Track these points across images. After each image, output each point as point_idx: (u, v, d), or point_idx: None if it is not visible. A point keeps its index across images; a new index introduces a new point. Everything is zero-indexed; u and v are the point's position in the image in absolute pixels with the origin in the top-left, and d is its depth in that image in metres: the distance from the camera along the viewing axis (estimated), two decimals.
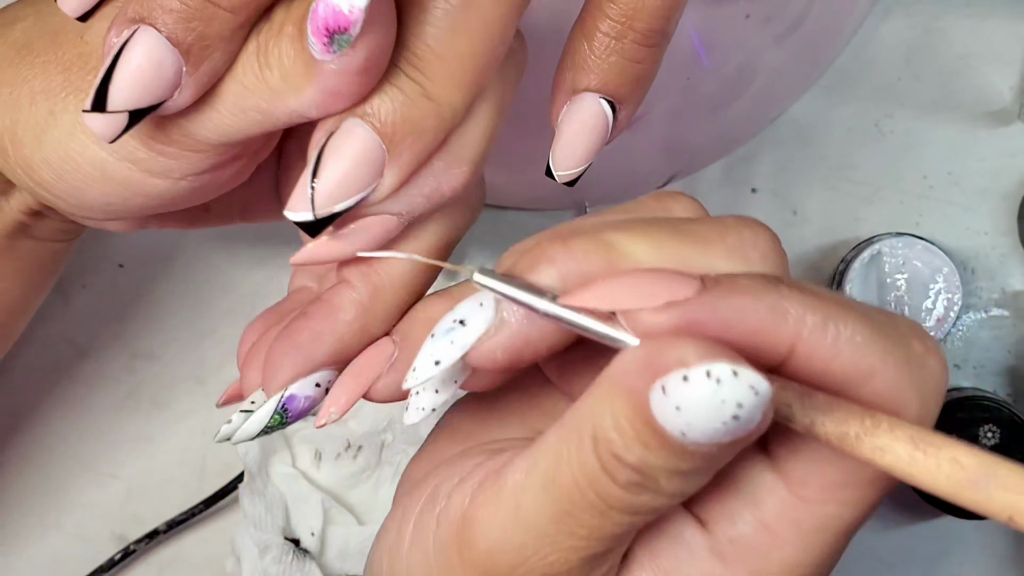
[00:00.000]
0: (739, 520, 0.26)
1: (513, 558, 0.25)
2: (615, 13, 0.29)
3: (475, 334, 0.26)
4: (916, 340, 0.25)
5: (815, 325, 0.24)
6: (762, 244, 0.26)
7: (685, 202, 0.29)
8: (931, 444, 0.23)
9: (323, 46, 0.26)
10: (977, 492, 0.22)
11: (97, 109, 0.27)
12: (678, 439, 0.22)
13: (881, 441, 0.23)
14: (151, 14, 0.26)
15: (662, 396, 0.22)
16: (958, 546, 0.53)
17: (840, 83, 0.53)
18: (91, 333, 0.53)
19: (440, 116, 0.27)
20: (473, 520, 0.25)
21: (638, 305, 0.24)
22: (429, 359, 0.26)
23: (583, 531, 0.24)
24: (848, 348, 0.24)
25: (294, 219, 0.27)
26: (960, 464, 0.23)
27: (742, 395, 0.21)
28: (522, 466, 0.25)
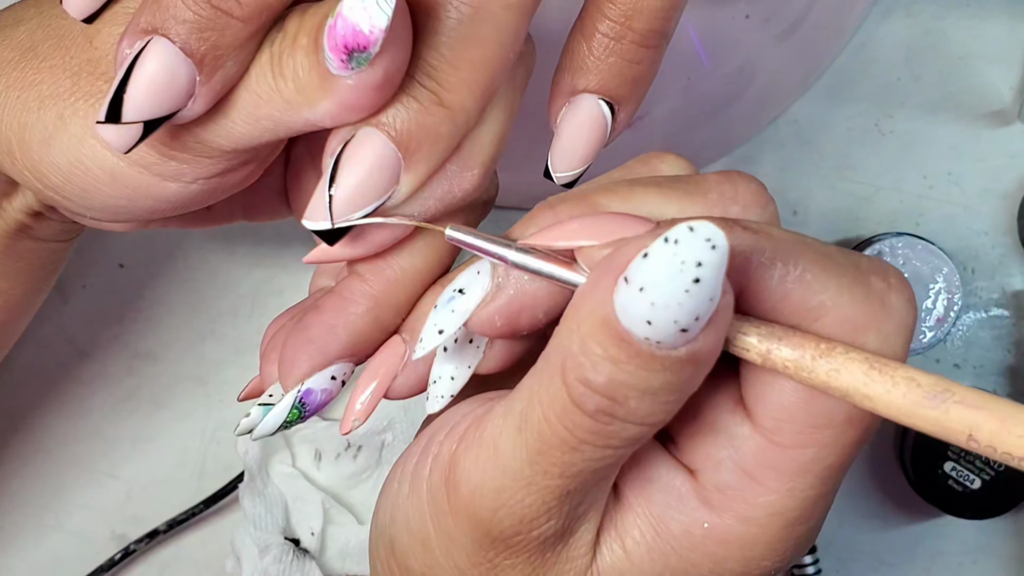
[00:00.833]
0: (723, 468, 0.26)
1: (493, 501, 0.25)
2: (614, 14, 0.29)
3: (474, 301, 0.27)
4: (876, 276, 0.25)
5: (761, 263, 0.24)
6: (743, 196, 0.27)
7: (671, 160, 0.29)
8: (887, 364, 0.23)
9: (341, 63, 0.26)
10: (935, 408, 0.22)
11: (111, 120, 0.27)
12: (643, 343, 0.22)
13: (836, 363, 0.23)
14: (164, 24, 0.26)
15: (625, 287, 0.22)
16: (957, 546, 0.53)
17: (840, 83, 0.53)
18: (91, 333, 0.53)
19: (454, 123, 0.28)
20: (457, 465, 0.26)
21: (589, 242, 0.25)
22: (433, 329, 0.27)
23: (555, 469, 0.24)
24: (797, 286, 0.24)
25: (312, 228, 0.27)
26: (917, 382, 0.23)
27: (700, 250, 0.21)
28: (500, 410, 0.26)
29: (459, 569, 0.27)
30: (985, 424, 0.22)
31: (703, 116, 0.51)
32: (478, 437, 0.26)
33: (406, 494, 0.28)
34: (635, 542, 0.27)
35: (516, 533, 0.26)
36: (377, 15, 0.25)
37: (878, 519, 0.53)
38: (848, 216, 0.53)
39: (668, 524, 0.27)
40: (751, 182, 0.27)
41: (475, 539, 0.26)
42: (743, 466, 0.26)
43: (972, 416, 0.22)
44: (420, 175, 0.28)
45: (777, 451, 0.26)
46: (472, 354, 0.29)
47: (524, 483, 0.25)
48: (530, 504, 0.25)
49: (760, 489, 0.26)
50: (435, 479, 0.27)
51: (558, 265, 0.26)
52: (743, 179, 0.27)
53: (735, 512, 0.26)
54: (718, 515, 0.26)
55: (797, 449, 0.25)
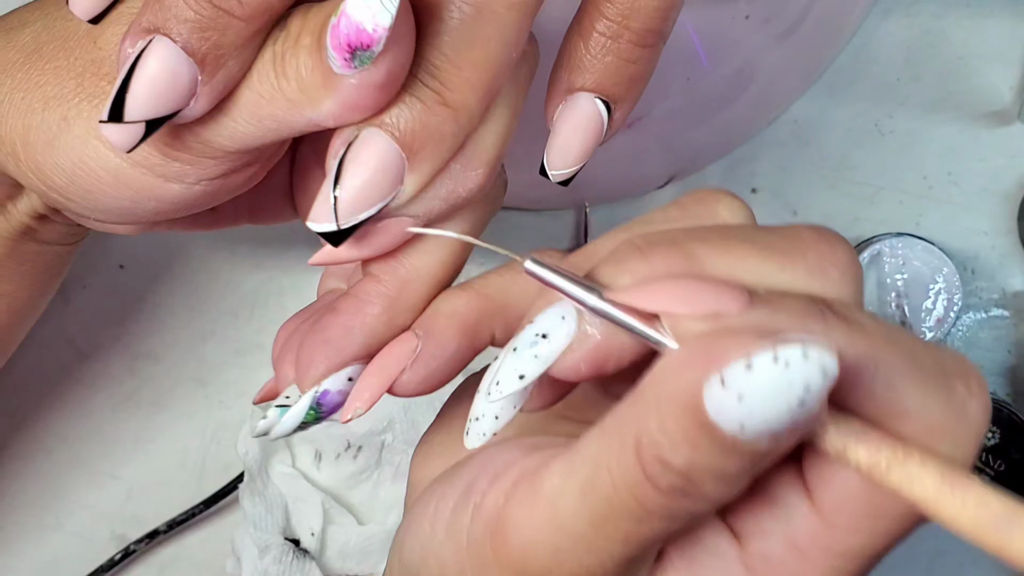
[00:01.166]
0: (771, 538, 0.26)
1: (548, 560, 0.25)
2: (612, 13, 0.29)
3: (559, 347, 0.26)
4: (960, 382, 0.24)
5: (854, 358, 0.23)
6: (841, 260, 0.26)
7: (729, 203, 0.28)
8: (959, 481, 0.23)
9: (344, 61, 0.26)
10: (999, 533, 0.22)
11: (114, 119, 0.27)
12: (733, 434, 0.22)
13: (910, 472, 0.23)
14: (165, 24, 0.26)
15: (720, 389, 0.21)
16: (958, 545, 0.53)
17: (840, 83, 0.53)
18: (92, 334, 0.53)
19: (458, 122, 0.28)
20: (508, 520, 0.25)
21: (681, 310, 0.24)
22: (513, 373, 0.26)
23: (619, 535, 0.24)
24: (885, 388, 0.24)
25: (317, 230, 0.27)
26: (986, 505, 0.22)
27: (811, 377, 0.21)
28: (560, 470, 0.25)
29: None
30: None
31: (703, 116, 0.50)
32: (533, 494, 0.25)
33: (441, 539, 0.27)
34: None
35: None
36: (381, 13, 0.25)
37: None
38: (848, 216, 0.53)
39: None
40: (844, 243, 0.26)
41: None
42: (794, 541, 0.25)
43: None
44: (424, 175, 0.28)
45: (831, 532, 0.25)
46: (520, 395, 0.28)
47: (584, 545, 0.24)
48: (588, 566, 0.24)
49: (805, 565, 0.25)
50: (477, 530, 0.26)
51: (640, 321, 0.25)
52: (838, 239, 0.26)
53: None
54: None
55: (850, 534, 0.25)
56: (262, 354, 0.53)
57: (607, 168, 0.51)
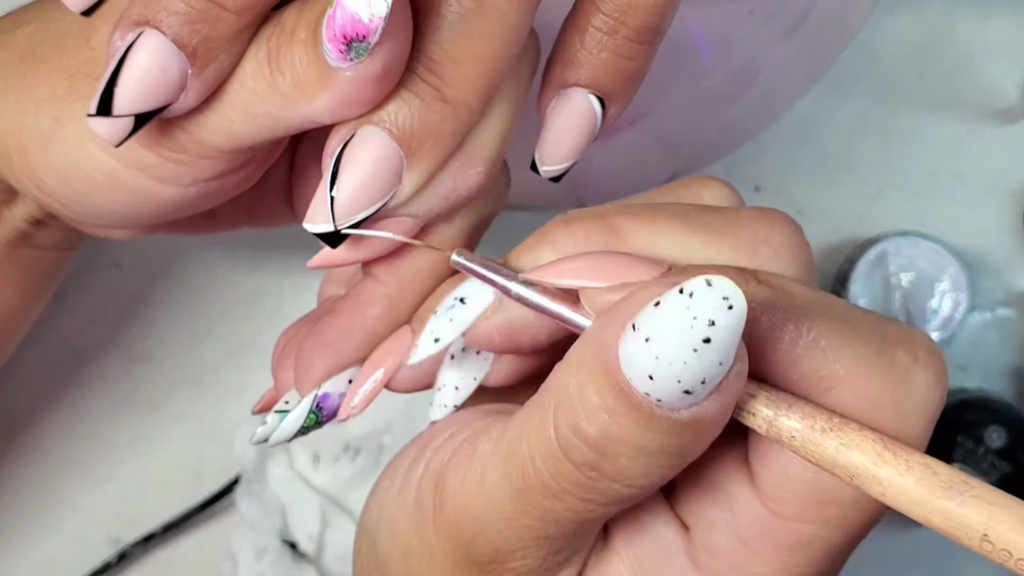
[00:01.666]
0: (717, 530, 0.25)
1: (472, 526, 0.25)
2: (608, 8, 0.29)
3: (474, 313, 0.27)
4: (902, 349, 0.24)
5: (773, 324, 0.23)
6: (776, 240, 0.26)
7: (714, 186, 0.28)
8: (902, 448, 0.22)
9: (339, 53, 0.25)
10: (950, 500, 0.21)
11: (102, 113, 0.26)
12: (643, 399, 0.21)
13: (847, 438, 0.22)
14: (155, 16, 0.26)
15: (631, 335, 0.21)
16: (961, 549, 0.52)
17: (844, 80, 0.52)
18: (87, 334, 0.53)
19: (457, 119, 0.27)
20: (446, 479, 0.26)
21: (592, 284, 0.24)
22: (429, 336, 0.27)
23: (534, 511, 0.24)
24: (809, 352, 0.23)
25: (314, 231, 0.27)
26: (932, 470, 0.21)
27: (715, 308, 0.20)
28: (494, 435, 0.25)
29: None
30: (1003, 523, 0.20)
31: (706, 113, 0.50)
32: (469, 456, 0.25)
33: (395, 495, 0.27)
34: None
35: (491, 562, 0.25)
36: (377, 4, 0.24)
37: (882, 522, 0.52)
38: (852, 215, 0.52)
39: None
40: (787, 224, 0.26)
41: (454, 558, 0.25)
42: (738, 532, 0.25)
43: (990, 513, 0.20)
44: (423, 173, 0.27)
45: (776, 522, 0.24)
46: (479, 366, 0.28)
47: (504, 516, 0.24)
48: (507, 538, 0.24)
49: (753, 559, 0.25)
50: (424, 488, 0.26)
51: (561, 303, 0.25)
52: (779, 220, 0.26)
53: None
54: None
55: (798, 523, 0.24)
56: (259, 355, 0.53)
57: (608, 166, 0.51)
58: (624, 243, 0.26)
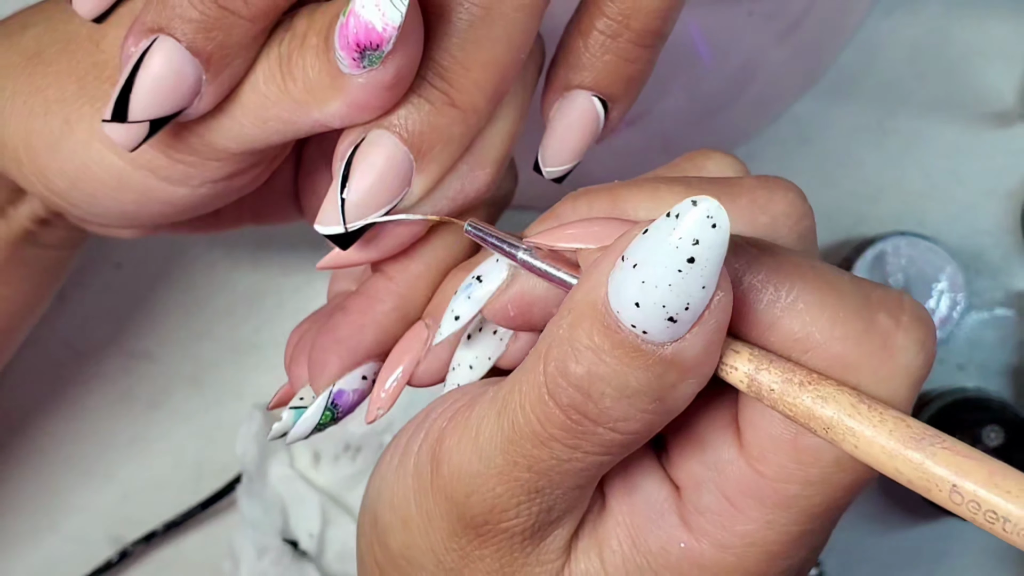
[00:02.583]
0: (704, 489, 0.26)
1: (467, 485, 0.25)
2: (612, 11, 0.29)
3: (490, 289, 0.27)
4: (885, 313, 0.24)
5: (753, 285, 0.23)
6: (776, 206, 0.26)
7: (718, 158, 0.29)
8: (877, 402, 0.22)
9: (352, 61, 0.26)
10: (921, 450, 0.21)
11: (117, 119, 0.26)
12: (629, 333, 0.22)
13: (823, 391, 0.22)
14: (170, 23, 0.26)
15: (620, 265, 0.22)
16: (959, 547, 0.53)
17: (843, 82, 0.53)
18: (87, 333, 0.53)
19: (466, 123, 0.27)
20: (442, 443, 0.26)
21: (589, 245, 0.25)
22: (450, 315, 0.28)
23: (524, 461, 0.24)
24: (787, 314, 0.23)
25: (325, 232, 0.27)
26: (906, 423, 0.21)
27: (699, 227, 0.21)
28: (490, 393, 0.25)
29: (434, 552, 0.26)
30: (973, 476, 0.20)
31: (705, 114, 0.50)
32: (465, 418, 0.26)
33: (395, 468, 0.28)
34: (611, 551, 0.26)
35: (485, 522, 0.25)
36: (391, 12, 0.25)
37: (881, 522, 0.53)
38: (850, 215, 0.53)
39: (646, 537, 0.26)
40: (788, 191, 0.26)
41: (451, 522, 0.26)
42: (725, 491, 0.25)
43: (960, 464, 0.21)
44: (432, 176, 0.28)
45: (759, 480, 0.25)
46: (494, 346, 0.29)
47: (496, 471, 0.25)
48: (500, 494, 0.25)
49: (739, 517, 0.25)
50: (422, 455, 0.27)
51: (561, 268, 0.26)
52: (781, 186, 0.26)
53: (712, 537, 0.25)
54: (695, 537, 0.26)
55: (780, 482, 0.25)
56: (259, 354, 0.53)
57: (608, 166, 0.51)
58: (626, 212, 0.26)
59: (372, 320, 0.30)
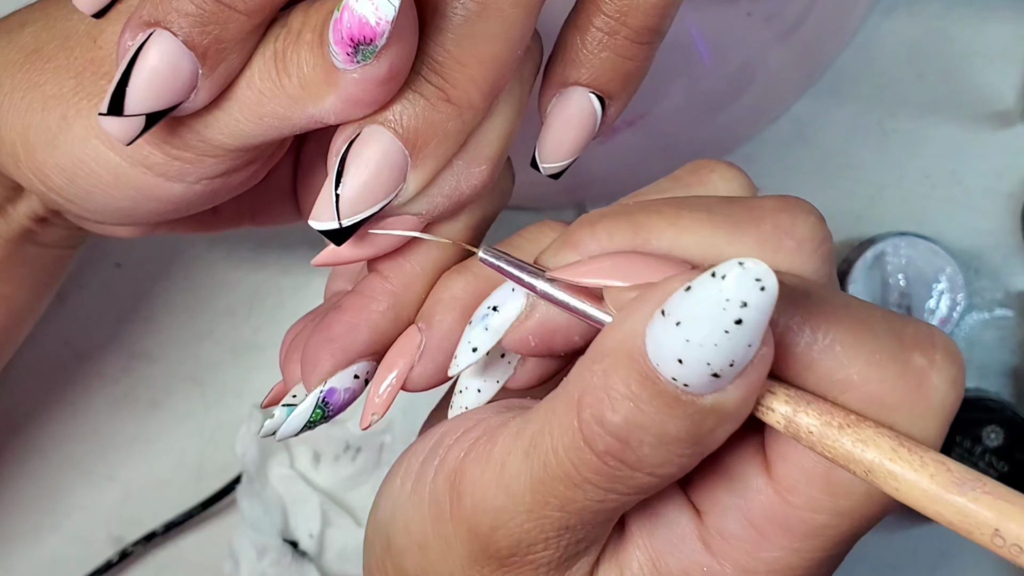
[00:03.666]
0: (729, 515, 0.26)
1: (493, 519, 0.25)
2: (610, 9, 0.29)
3: (508, 319, 0.27)
4: (919, 353, 0.24)
5: (790, 327, 0.23)
6: (799, 231, 0.25)
7: (723, 171, 0.29)
8: (917, 445, 0.22)
9: (346, 56, 0.26)
10: (962, 495, 0.21)
11: (113, 112, 0.26)
12: (669, 384, 0.22)
13: (863, 435, 0.22)
14: (166, 17, 0.26)
15: (661, 320, 0.22)
16: (960, 548, 0.53)
17: (842, 82, 0.53)
18: (88, 333, 0.53)
19: (462, 119, 0.27)
20: (463, 475, 0.26)
21: (616, 283, 0.25)
22: (467, 346, 0.27)
23: (556, 501, 0.24)
24: (825, 357, 0.23)
25: (319, 228, 0.27)
26: (947, 467, 0.22)
27: (748, 290, 0.21)
28: (514, 428, 0.25)
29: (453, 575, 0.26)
30: (1014, 520, 0.20)
31: (704, 114, 0.50)
32: (488, 452, 0.25)
33: (408, 493, 0.27)
34: (632, 574, 0.26)
35: (512, 555, 0.25)
36: (384, 7, 0.25)
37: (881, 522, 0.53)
38: (850, 215, 0.53)
39: (668, 561, 0.26)
40: (810, 214, 0.26)
41: (472, 551, 0.26)
42: (750, 518, 0.25)
43: (1002, 509, 0.21)
44: (427, 172, 0.28)
45: (789, 510, 0.25)
46: (503, 369, 0.29)
47: (524, 509, 0.24)
48: (528, 530, 0.25)
49: (764, 544, 0.25)
50: (439, 484, 0.26)
51: (585, 300, 0.25)
52: (802, 209, 0.26)
53: (735, 562, 0.25)
54: (718, 561, 0.26)
55: (809, 512, 0.25)
56: (260, 354, 0.53)
57: (608, 167, 0.51)
58: (648, 242, 0.26)
59: (366, 319, 0.30)
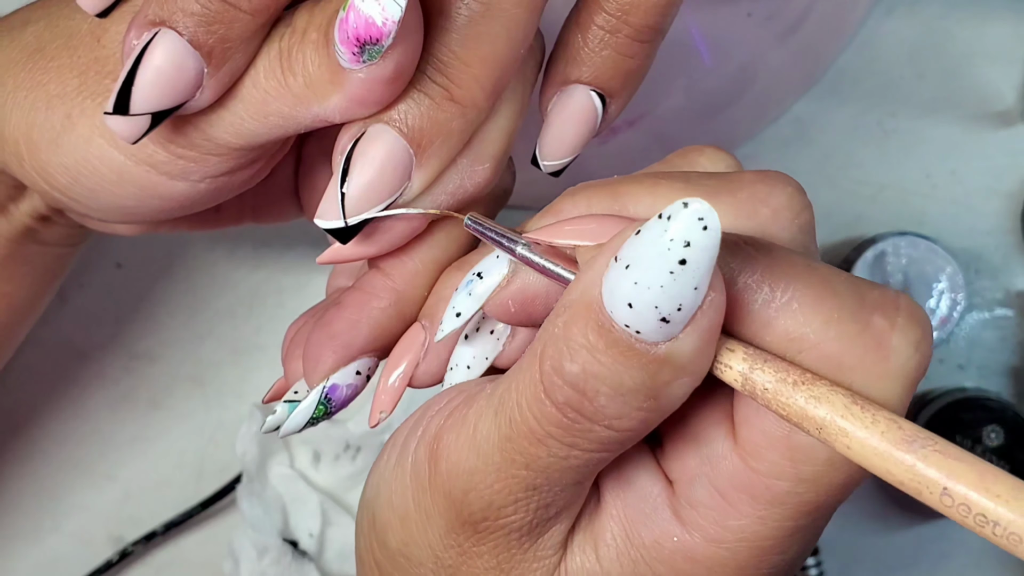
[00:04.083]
0: (697, 484, 0.26)
1: (465, 482, 0.25)
2: (611, 7, 0.29)
3: (491, 285, 0.27)
4: (880, 314, 0.24)
5: (748, 285, 0.23)
6: (776, 200, 0.26)
7: (711, 153, 0.29)
8: (870, 403, 0.22)
9: (352, 56, 0.26)
10: (912, 452, 0.21)
11: (119, 111, 0.27)
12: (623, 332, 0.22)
13: (817, 391, 0.22)
14: (172, 17, 0.26)
15: (613, 266, 0.22)
16: (960, 548, 0.53)
17: (843, 82, 0.53)
18: (88, 333, 0.53)
19: (465, 118, 0.28)
20: (440, 441, 0.26)
21: (586, 242, 0.25)
22: (451, 311, 0.28)
23: (521, 459, 0.24)
24: (781, 314, 0.23)
25: (325, 227, 0.27)
26: (898, 424, 0.21)
27: (690, 228, 0.21)
28: (487, 391, 0.26)
29: (432, 549, 0.27)
30: (963, 478, 0.20)
31: (705, 114, 0.50)
32: (463, 415, 0.26)
33: (392, 466, 0.28)
34: (606, 545, 0.26)
35: (484, 519, 0.25)
36: (390, 7, 0.25)
37: (881, 522, 0.53)
38: (851, 215, 0.53)
39: (640, 531, 0.26)
40: (788, 184, 0.26)
41: (448, 519, 0.26)
42: (718, 486, 0.25)
43: (951, 467, 0.21)
44: (432, 171, 0.28)
45: (752, 476, 0.25)
46: (491, 346, 0.29)
47: (494, 468, 0.25)
48: (498, 491, 0.25)
49: (731, 512, 0.25)
50: (420, 453, 0.27)
51: (559, 263, 0.26)
52: (780, 181, 0.26)
53: (704, 531, 0.26)
54: (687, 531, 0.26)
55: (772, 479, 0.25)
56: (260, 354, 0.53)
57: (608, 166, 0.51)
58: (626, 208, 0.26)
59: (367, 316, 0.30)
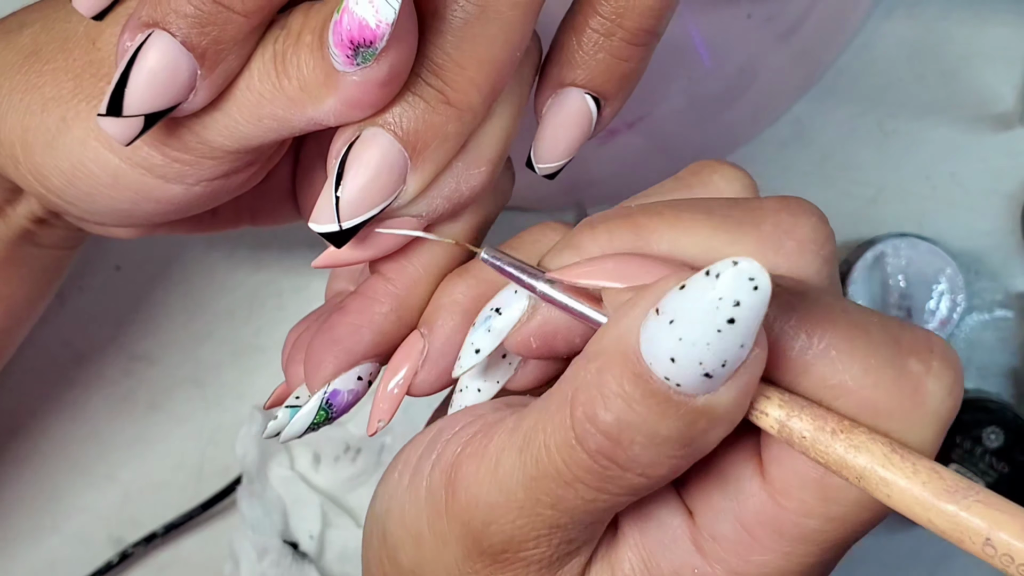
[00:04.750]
0: (722, 518, 0.26)
1: (486, 515, 0.25)
2: (606, 10, 0.29)
3: (510, 321, 0.27)
4: (915, 359, 0.24)
5: (783, 331, 0.23)
6: (800, 232, 0.25)
7: (726, 172, 0.29)
8: (910, 452, 0.22)
9: (346, 58, 0.26)
10: (955, 503, 0.21)
11: (112, 113, 0.27)
12: (661, 384, 0.22)
13: (856, 441, 0.22)
14: (165, 18, 0.26)
15: (655, 319, 0.22)
16: (960, 550, 0.52)
17: (842, 83, 0.53)
18: (87, 335, 0.53)
19: (461, 121, 0.27)
20: (459, 470, 0.26)
21: (614, 285, 0.25)
22: (470, 348, 0.28)
23: (547, 499, 0.24)
24: (819, 362, 0.23)
25: (319, 231, 0.27)
26: (939, 474, 0.21)
27: (741, 289, 0.21)
28: (509, 425, 0.25)
29: (447, 571, 0.26)
30: (1005, 529, 0.20)
31: (705, 116, 0.50)
32: (483, 447, 0.26)
33: (405, 487, 0.28)
34: (624, 574, 0.26)
35: (504, 551, 0.25)
36: (384, 9, 0.25)
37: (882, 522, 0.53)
38: (851, 216, 0.53)
39: (659, 561, 0.26)
40: (812, 215, 0.26)
41: (466, 546, 0.26)
42: (743, 521, 0.25)
43: (994, 518, 0.21)
44: (427, 174, 0.28)
45: (781, 513, 0.25)
46: (503, 370, 0.29)
47: (517, 505, 0.25)
48: (520, 527, 0.25)
49: (756, 547, 0.25)
50: (435, 479, 0.26)
51: (584, 302, 0.26)
52: (804, 210, 0.26)
53: (726, 564, 0.25)
54: (709, 563, 0.26)
55: (801, 517, 0.25)
56: (260, 356, 0.53)
57: (607, 169, 0.51)
58: (649, 244, 0.26)
59: (369, 321, 0.30)
